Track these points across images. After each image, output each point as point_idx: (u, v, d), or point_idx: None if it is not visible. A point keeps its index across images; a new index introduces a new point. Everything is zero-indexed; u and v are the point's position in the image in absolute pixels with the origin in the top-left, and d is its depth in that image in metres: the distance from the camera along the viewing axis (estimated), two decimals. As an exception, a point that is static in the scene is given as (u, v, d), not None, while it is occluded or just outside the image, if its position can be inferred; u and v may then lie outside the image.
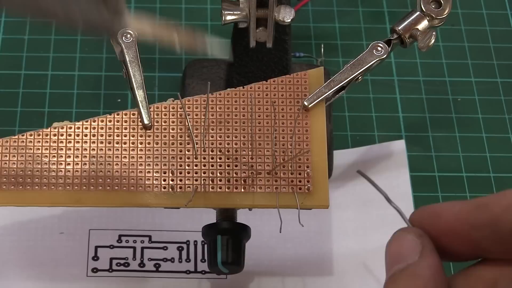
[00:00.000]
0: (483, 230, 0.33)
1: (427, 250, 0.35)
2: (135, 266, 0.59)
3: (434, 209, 0.35)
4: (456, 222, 0.34)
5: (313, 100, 0.50)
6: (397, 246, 0.36)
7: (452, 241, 0.35)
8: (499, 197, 0.33)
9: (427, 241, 0.35)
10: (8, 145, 0.48)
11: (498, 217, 0.33)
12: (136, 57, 0.51)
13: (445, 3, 0.53)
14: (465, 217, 0.34)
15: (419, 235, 0.35)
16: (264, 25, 0.54)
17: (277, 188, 0.48)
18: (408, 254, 0.35)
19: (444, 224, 0.35)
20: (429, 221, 0.35)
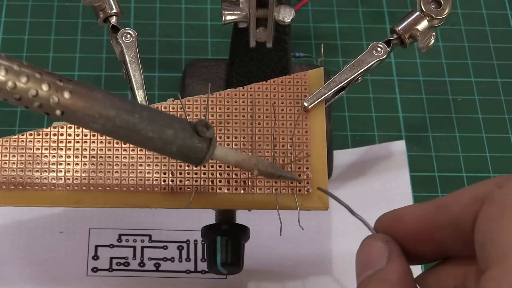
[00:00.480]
0: (446, 230, 0.34)
1: (393, 255, 0.35)
2: (135, 266, 0.59)
3: (396, 215, 0.36)
4: (418, 224, 0.35)
5: (313, 101, 0.50)
6: (365, 253, 0.36)
7: (417, 244, 0.35)
8: (457, 197, 0.34)
9: (394, 247, 0.35)
10: (8, 145, 0.48)
11: (458, 216, 0.33)
12: (136, 57, 0.51)
13: (445, 3, 0.53)
14: (427, 219, 0.34)
15: (385, 241, 0.36)
16: (264, 25, 0.54)
17: (277, 189, 0.48)
18: (376, 260, 0.35)
19: (408, 228, 0.35)
20: (392, 227, 0.36)
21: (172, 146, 0.41)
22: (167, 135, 0.41)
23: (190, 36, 0.70)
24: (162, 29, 0.71)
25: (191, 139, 0.42)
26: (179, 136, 0.41)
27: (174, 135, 0.41)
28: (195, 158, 0.42)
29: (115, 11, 0.52)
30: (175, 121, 0.42)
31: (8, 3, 0.71)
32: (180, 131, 0.42)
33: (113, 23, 0.52)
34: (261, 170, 0.45)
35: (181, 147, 0.42)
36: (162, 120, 0.41)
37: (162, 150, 0.42)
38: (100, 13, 0.52)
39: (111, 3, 0.52)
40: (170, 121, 0.42)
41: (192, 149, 0.42)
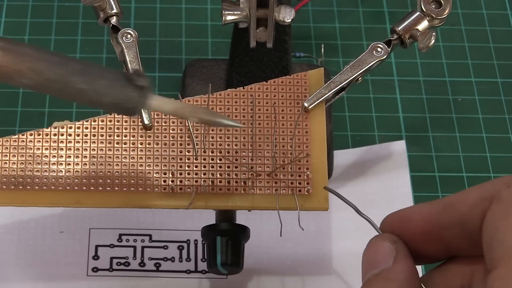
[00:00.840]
0: (453, 229, 0.34)
1: (400, 255, 0.35)
2: (136, 266, 0.59)
3: (403, 214, 0.36)
4: (425, 224, 0.35)
5: (313, 102, 0.50)
6: (372, 253, 0.36)
7: (424, 244, 0.35)
8: (464, 196, 0.34)
9: (401, 247, 0.35)
10: (8, 145, 0.48)
11: (465, 215, 0.33)
12: (136, 57, 0.51)
13: (445, 3, 0.53)
14: (434, 218, 0.34)
15: (393, 241, 0.36)
16: (264, 25, 0.54)
17: (277, 190, 0.48)
18: (382, 260, 0.35)
19: (415, 228, 0.35)
20: (399, 227, 0.36)
21: (106, 97, 0.41)
22: (100, 85, 0.41)
23: (190, 36, 0.70)
24: (162, 29, 0.71)
25: (125, 88, 0.41)
26: (112, 85, 0.41)
27: (107, 85, 0.41)
28: (131, 108, 0.42)
29: (115, 11, 0.52)
30: (107, 72, 0.41)
31: (8, 3, 0.71)
32: (113, 81, 0.41)
33: (114, 23, 0.52)
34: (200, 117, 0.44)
35: (115, 97, 0.41)
36: (93, 72, 0.41)
37: (98, 103, 0.41)
38: (100, 13, 0.52)
39: (111, 3, 0.52)
40: (102, 72, 0.41)
41: (127, 98, 0.41)
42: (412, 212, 0.36)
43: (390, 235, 0.36)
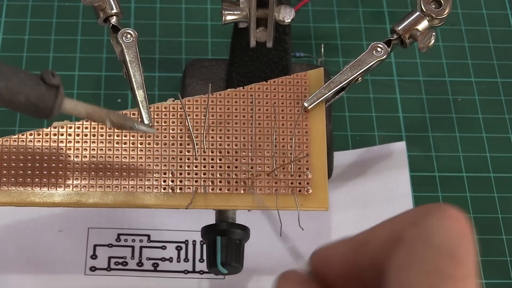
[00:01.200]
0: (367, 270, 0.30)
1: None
2: (133, 265, 0.59)
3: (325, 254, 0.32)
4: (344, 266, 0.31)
5: (313, 102, 0.50)
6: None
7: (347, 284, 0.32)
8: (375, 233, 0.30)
9: None
10: (8, 145, 0.48)
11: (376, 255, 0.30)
12: (136, 57, 0.51)
13: (445, 3, 0.53)
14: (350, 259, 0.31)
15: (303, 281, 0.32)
16: (264, 25, 0.54)
17: (277, 189, 0.48)
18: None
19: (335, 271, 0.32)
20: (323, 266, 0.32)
21: (19, 96, 0.41)
22: (13, 83, 0.41)
23: (190, 36, 0.70)
24: (162, 29, 0.71)
25: (38, 87, 0.42)
26: (26, 84, 0.41)
27: (21, 83, 0.41)
28: (45, 108, 0.42)
29: (115, 11, 0.52)
30: (20, 70, 0.42)
31: (8, 3, 0.71)
32: (26, 80, 0.41)
33: (113, 23, 0.52)
34: (113, 121, 0.45)
35: (29, 96, 0.41)
36: (6, 70, 0.41)
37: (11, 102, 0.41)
38: (100, 13, 0.52)
39: (111, 3, 0.52)
40: (15, 71, 0.41)
41: (40, 97, 0.42)
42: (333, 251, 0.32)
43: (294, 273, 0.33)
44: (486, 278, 0.60)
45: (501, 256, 0.61)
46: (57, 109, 0.43)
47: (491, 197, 0.64)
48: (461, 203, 0.63)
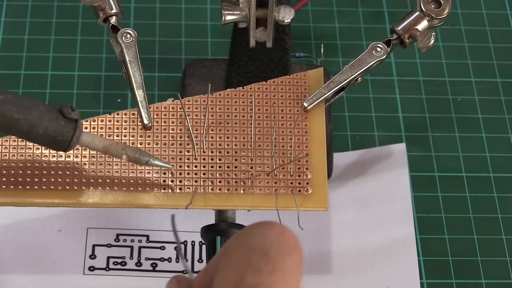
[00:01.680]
0: None
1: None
2: (132, 265, 0.59)
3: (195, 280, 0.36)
4: None
5: (312, 101, 0.50)
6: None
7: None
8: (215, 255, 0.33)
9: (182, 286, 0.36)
10: (8, 145, 0.48)
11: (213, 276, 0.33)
12: (136, 57, 0.51)
13: (445, 3, 0.53)
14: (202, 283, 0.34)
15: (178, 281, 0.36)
16: (264, 25, 0.54)
17: (277, 189, 0.48)
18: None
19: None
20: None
21: (38, 128, 0.42)
22: (32, 116, 0.42)
23: (190, 36, 0.70)
24: (162, 29, 0.71)
25: (57, 121, 0.42)
26: (45, 117, 0.42)
27: (40, 116, 0.42)
28: (62, 141, 0.43)
29: (115, 11, 0.52)
30: (39, 104, 0.42)
31: (8, 3, 0.71)
32: (45, 113, 0.42)
33: (113, 23, 0.52)
34: (129, 155, 0.45)
35: (47, 129, 0.42)
36: (26, 103, 0.42)
37: (29, 134, 0.42)
38: (100, 13, 0.52)
39: (111, 3, 0.52)
40: (35, 103, 0.42)
41: (59, 130, 0.42)
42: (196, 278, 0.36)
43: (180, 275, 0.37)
44: (486, 278, 0.60)
45: (501, 256, 0.61)
46: (74, 142, 0.43)
47: (491, 197, 0.64)
48: (461, 203, 0.63)
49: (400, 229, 0.61)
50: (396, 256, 0.59)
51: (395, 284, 0.58)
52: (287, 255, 0.32)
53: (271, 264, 0.31)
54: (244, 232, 0.32)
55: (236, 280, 0.31)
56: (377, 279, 0.59)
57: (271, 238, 0.32)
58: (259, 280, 0.30)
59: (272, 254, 0.31)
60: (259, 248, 0.31)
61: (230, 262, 0.31)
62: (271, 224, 0.32)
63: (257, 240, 0.32)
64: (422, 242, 0.61)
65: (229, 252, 0.32)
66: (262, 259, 0.31)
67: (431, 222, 0.62)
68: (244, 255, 0.31)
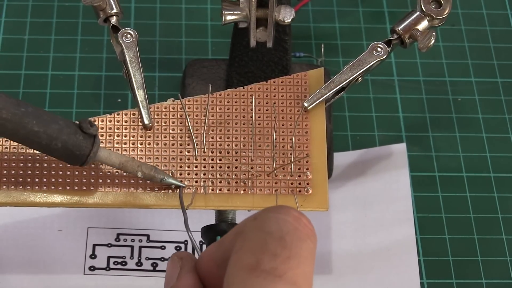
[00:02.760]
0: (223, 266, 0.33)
1: (183, 271, 0.36)
2: (133, 265, 0.59)
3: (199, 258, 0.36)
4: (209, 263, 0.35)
5: (313, 102, 0.50)
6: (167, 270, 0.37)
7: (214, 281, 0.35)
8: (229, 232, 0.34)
9: (185, 263, 0.36)
10: (8, 145, 0.48)
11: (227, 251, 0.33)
12: (136, 57, 0.51)
13: (445, 3, 0.53)
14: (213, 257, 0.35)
15: (179, 258, 0.36)
16: (264, 25, 0.54)
17: (277, 190, 0.48)
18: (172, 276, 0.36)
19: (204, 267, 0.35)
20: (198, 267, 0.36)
21: (57, 142, 0.43)
22: (52, 129, 0.43)
23: (190, 36, 0.70)
24: (162, 29, 0.71)
25: (76, 135, 0.43)
26: (64, 131, 0.43)
27: (59, 130, 0.43)
28: (80, 155, 0.44)
29: (115, 11, 0.52)
30: (59, 118, 0.43)
31: (8, 3, 0.71)
32: (64, 127, 0.43)
33: (113, 23, 0.52)
34: (145, 172, 0.46)
35: (66, 143, 0.43)
36: (46, 116, 0.43)
37: (48, 147, 0.43)
38: (100, 13, 0.52)
39: (111, 3, 0.52)
40: (55, 117, 0.43)
41: (77, 145, 0.43)
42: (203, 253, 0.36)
43: (181, 252, 0.37)
44: (486, 278, 0.60)
45: (501, 256, 0.61)
46: (92, 157, 0.44)
47: (491, 197, 0.64)
48: (461, 203, 0.63)
49: (400, 230, 0.61)
50: (396, 256, 0.59)
51: (395, 285, 0.58)
52: (303, 242, 0.32)
53: (287, 250, 0.31)
54: (262, 215, 0.32)
55: (252, 264, 0.31)
56: (377, 280, 0.59)
57: (287, 224, 0.32)
58: (275, 265, 0.31)
59: (288, 240, 0.31)
60: (276, 233, 0.31)
61: (246, 245, 0.32)
62: (288, 209, 0.33)
63: (274, 224, 0.32)
64: (422, 242, 0.61)
65: (246, 234, 0.32)
66: (279, 245, 0.31)
67: (431, 222, 0.62)
68: (260, 238, 0.31)
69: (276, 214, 0.32)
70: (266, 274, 0.30)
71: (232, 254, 0.32)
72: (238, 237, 0.32)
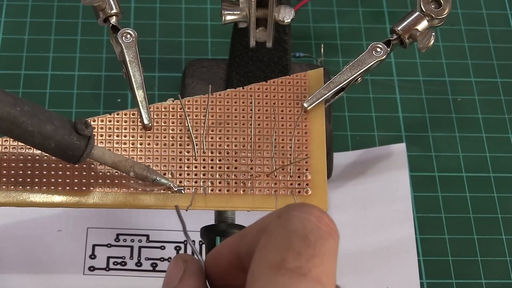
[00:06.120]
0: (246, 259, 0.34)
1: (186, 274, 0.36)
2: (132, 265, 0.59)
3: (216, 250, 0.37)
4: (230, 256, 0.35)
5: (312, 102, 0.50)
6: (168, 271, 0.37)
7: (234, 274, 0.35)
8: (252, 226, 0.34)
9: (190, 266, 0.36)
10: (8, 145, 0.48)
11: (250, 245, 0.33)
12: (136, 57, 0.51)
13: (445, 3, 0.53)
14: (234, 250, 0.35)
15: (184, 261, 0.37)
16: (264, 25, 0.54)
17: (276, 190, 0.48)
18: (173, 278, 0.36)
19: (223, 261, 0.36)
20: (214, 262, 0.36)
21: (50, 141, 0.43)
22: (46, 130, 0.43)
23: (190, 36, 0.70)
24: (162, 29, 0.71)
25: (70, 136, 0.44)
26: (58, 132, 0.43)
27: (54, 130, 0.43)
28: (73, 156, 0.44)
29: (115, 11, 0.52)
30: (55, 118, 0.43)
31: (8, 3, 0.71)
32: (59, 127, 0.43)
33: (113, 23, 0.52)
34: (137, 172, 0.46)
35: (60, 143, 0.43)
36: (42, 115, 0.43)
37: (41, 146, 0.43)
38: (100, 13, 0.52)
39: (111, 3, 0.52)
40: (50, 117, 0.43)
41: (70, 146, 0.44)
42: (222, 245, 0.36)
43: (185, 254, 0.37)
44: (486, 278, 0.60)
45: (501, 256, 0.61)
46: (84, 158, 0.45)
47: (491, 197, 0.64)
48: (461, 203, 0.63)
49: (400, 230, 0.61)
50: (396, 256, 0.59)
51: (395, 285, 0.58)
52: (326, 240, 0.32)
53: (311, 248, 0.32)
54: (285, 212, 0.33)
55: (277, 262, 0.31)
56: (377, 280, 0.59)
57: (310, 222, 0.32)
58: (299, 264, 0.31)
59: (312, 238, 0.32)
60: (300, 231, 0.32)
61: (270, 242, 0.32)
62: (311, 207, 0.33)
63: (298, 223, 0.32)
64: (422, 242, 0.61)
65: (270, 232, 0.32)
66: (303, 243, 0.32)
67: (431, 222, 0.62)
68: (285, 236, 0.32)
69: (299, 212, 0.33)
70: (292, 272, 0.31)
71: (257, 251, 0.32)
72: (262, 234, 0.33)
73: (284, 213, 0.33)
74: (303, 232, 0.32)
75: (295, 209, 0.33)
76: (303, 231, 0.32)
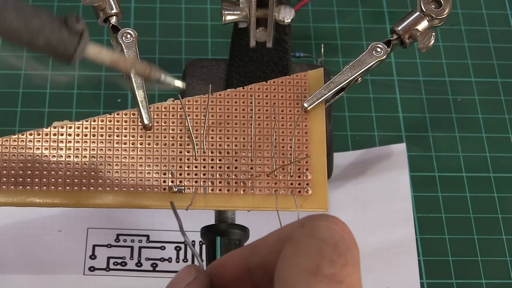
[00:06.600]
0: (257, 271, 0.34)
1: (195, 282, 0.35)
2: (132, 266, 0.59)
3: (221, 260, 0.36)
4: (237, 268, 0.35)
5: (312, 102, 0.50)
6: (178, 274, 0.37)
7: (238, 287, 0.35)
8: (266, 237, 0.34)
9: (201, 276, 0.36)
10: (8, 145, 0.48)
11: (266, 257, 0.33)
12: (136, 57, 0.51)
13: (445, 3, 0.53)
14: (243, 262, 0.35)
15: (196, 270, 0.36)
16: (264, 25, 0.54)
17: (277, 190, 0.48)
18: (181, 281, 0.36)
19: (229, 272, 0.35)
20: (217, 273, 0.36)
21: (39, 37, 0.40)
22: (33, 24, 0.40)
23: (190, 36, 0.70)
24: (162, 29, 0.71)
25: (60, 31, 0.40)
26: (47, 26, 0.40)
27: (41, 25, 0.40)
28: (65, 53, 0.41)
29: (115, 11, 0.52)
30: (42, 12, 0.40)
31: (8, 3, 0.71)
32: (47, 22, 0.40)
33: (113, 23, 0.52)
34: (138, 70, 0.43)
35: (49, 39, 0.40)
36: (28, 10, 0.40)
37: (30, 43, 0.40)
38: (100, 13, 0.52)
39: (111, 3, 0.52)
40: (37, 11, 0.40)
41: (61, 42, 0.40)
42: (228, 257, 0.36)
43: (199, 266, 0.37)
44: (486, 278, 0.60)
45: (501, 256, 0.61)
46: (78, 55, 0.41)
47: (491, 197, 0.64)
48: (461, 203, 0.63)
49: (400, 230, 0.61)
50: (396, 256, 0.59)
51: (395, 285, 0.58)
52: (352, 250, 0.33)
53: (343, 257, 0.32)
54: (310, 222, 0.33)
55: (312, 268, 0.31)
56: (377, 280, 0.59)
57: (337, 232, 0.33)
58: (334, 271, 0.31)
59: (342, 247, 0.32)
60: (330, 240, 0.32)
61: (300, 250, 0.32)
62: (335, 218, 0.33)
63: (326, 232, 0.32)
64: (422, 242, 0.61)
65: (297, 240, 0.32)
66: (335, 252, 0.32)
67: (431, 222, 0.62)
68: (315, 245, 0.32)
69: (326, 222, 0.33)
70: (328, 279, 0.31)
71: (282, 259, 0.32)
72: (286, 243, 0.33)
73: (308, 222, 0.33)
74: (333, 241, 0.32)
75: (321, 219, 0.33)
76: (333, 240, 0.32)
